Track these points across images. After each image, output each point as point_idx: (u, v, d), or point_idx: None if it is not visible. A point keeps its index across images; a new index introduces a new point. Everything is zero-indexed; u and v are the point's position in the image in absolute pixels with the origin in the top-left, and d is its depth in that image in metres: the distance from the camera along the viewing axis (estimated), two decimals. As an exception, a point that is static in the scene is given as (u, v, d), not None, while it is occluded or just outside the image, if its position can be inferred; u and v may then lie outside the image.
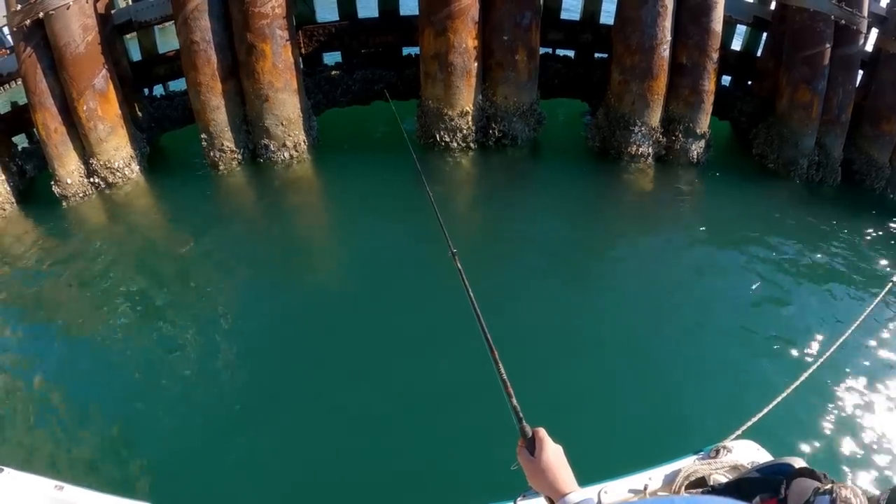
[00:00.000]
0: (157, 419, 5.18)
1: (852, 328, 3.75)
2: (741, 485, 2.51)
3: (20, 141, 9.03)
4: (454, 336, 5.28)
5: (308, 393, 5.38)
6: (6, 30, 8.59)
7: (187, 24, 8.01)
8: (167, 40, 10.23)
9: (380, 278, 6.78)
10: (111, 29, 8.44)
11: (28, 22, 7.34)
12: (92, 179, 8.37)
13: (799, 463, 2.34)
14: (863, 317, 3.92)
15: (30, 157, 8.68)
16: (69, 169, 8.22)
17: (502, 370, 1.94)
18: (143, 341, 6.02)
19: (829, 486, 1.87)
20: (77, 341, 6.21)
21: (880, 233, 8.22)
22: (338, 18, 9.89)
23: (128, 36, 9.17)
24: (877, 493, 2.06)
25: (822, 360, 3.48)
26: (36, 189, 8.71)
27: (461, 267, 2.68)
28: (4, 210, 8.17)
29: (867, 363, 5.86)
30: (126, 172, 8.53)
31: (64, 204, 8.25)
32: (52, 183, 8.20)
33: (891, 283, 4.40)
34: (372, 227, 7.75)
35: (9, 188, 8.25)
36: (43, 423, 5.24)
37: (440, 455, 4.72)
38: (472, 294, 2.38)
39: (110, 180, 8.44)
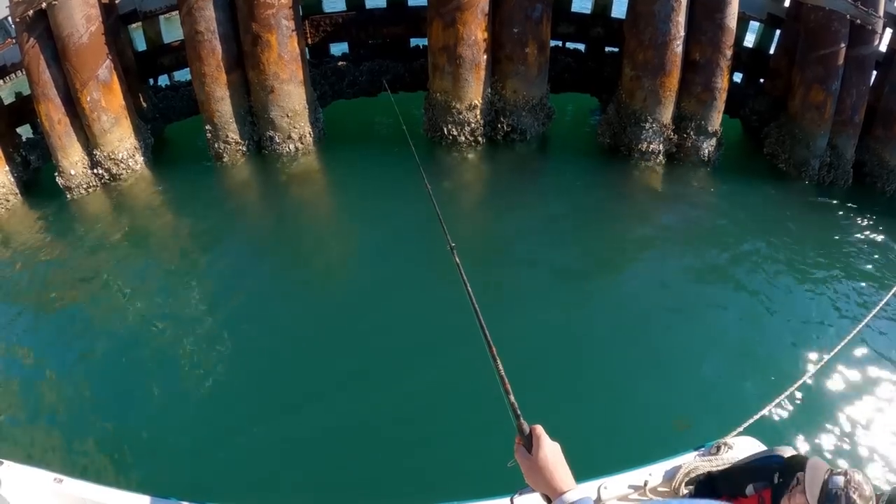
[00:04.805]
0: (157, 412, 5.20)
1: (857, 329, 3.73)
2: (731, 473, 2.50)
3: (25, 132, 8.96)
4: (453, 332, 5.23)
5: (305, 385, 5.38)
6: (10, 20, 8.43)
7: (192, 14, 7.88)
8: (172, 30, 10.08)
9: (380, 272, 6.78)
10: (115, 19, 8.29)
11: (31, 12, 7.21)
12: (96, 171, 8.30)
13: (789, 452, 2.32)
14: (868, 318, 3.90)
15: (34, 148, 8.60)
16: (73, 160, 8.14)
17: (500, 367, 1.92)
18: (145, 334, 6.02)
19: (843, 469, 1.91)
20: (78, 334, 6.21)
21: (889, 236, 8.14)
22: (345, 8, 9.75)
23: (133, 26, 9.05)
24: (877, 492, 2.07)
25: (825, 360, 3.47)
26: (40, 180, 8.66)
27: (460, 262, 2.64)
28: (8, 201, 8.13)
29: (871, 364, 5.86)
30: (130, 164, 8.45)
31: (68, 195, 8.20)
32: (56, 174, 8.12)
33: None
34: (375, 221, 7.72)
35: (13, 179, 8.20)
36: (43, 415, 5.24)
37: (436, 451, 4.73)
38: (470, 289, 2.35)
39: (114, 171, 8.36)
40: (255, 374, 5.53)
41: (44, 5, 7.18)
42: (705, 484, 2.68)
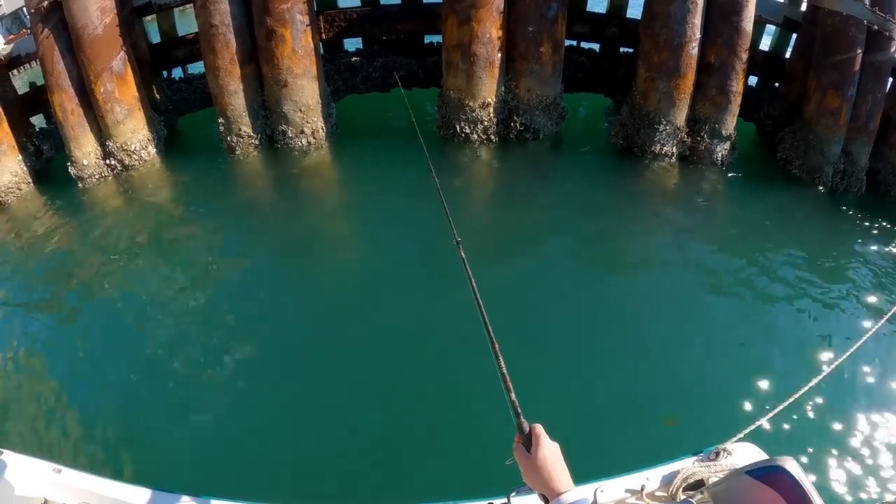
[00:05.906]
0: (158, 404, 5.20)
1: (864, 338, 3.68)
2: None
3: (38, 121, 8.99)
4: (455, 327, 5.21)
5: (306, 378, 5.39)
6: (25, 11, 8.44)
7: (206, 7, 7.88)
8: (187, 23, 10.06)
9: (386, 266, 6.80)
10: (130, 11, 8.30)
11: (46, 3, 7.22)
12: (108, 161, 8.32)
13: (790, 463, 2.30)
14: (875, 328, 3.86)
15: (47, 138, 8.64)
16: (85, 150, 8.17)
17: (502, 363, 1.92)
18: (151, 325, 6.03)
19: None
20: (84, 323, 6.23)
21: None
22: (360, 4, 9.71)
23: (147, 18, 9.04)
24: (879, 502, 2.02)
25: (830, 368, 3.42)
26: (53, 169, 8.69)
27: (465, 256, 2.64)
28: (20, 189, 8.16)
29: (876, 374, 5.79)
30: (142, 155, 8.47)
31: (80, 185, 8.23)
32: (69, 164, 8.16)
33: None
34: (384, 215, 7.73)
35: (26, 168, 8.23)
36: (43, 406, 5.26)
37: (434, 447, 4.72)
38: (474, 285, 2.34)
39: (126, 162, 8.39)
40: (258, 366, 5.53)
41: (59, -4, 7.20)
42: None
